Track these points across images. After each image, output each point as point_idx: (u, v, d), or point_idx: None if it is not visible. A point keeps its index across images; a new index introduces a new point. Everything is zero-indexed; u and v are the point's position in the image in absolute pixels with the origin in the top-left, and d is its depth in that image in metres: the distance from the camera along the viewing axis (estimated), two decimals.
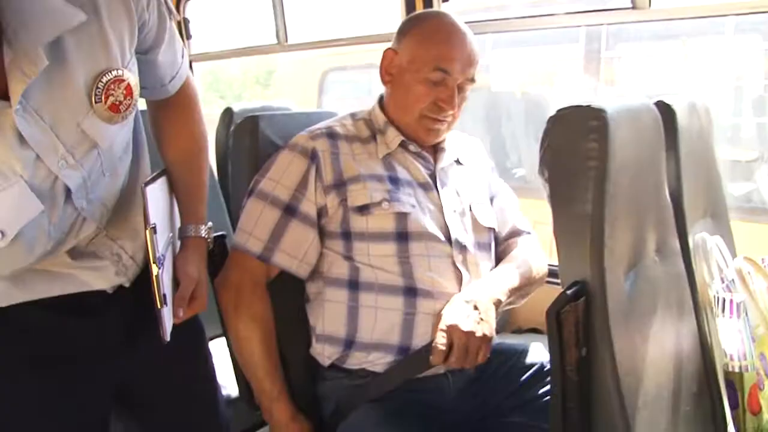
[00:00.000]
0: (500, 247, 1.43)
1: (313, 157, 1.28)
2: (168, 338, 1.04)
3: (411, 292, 1.24)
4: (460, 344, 1.16)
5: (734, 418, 1.23)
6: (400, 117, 1.35)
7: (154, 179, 1.09)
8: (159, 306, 1.02)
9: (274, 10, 2.43)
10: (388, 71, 1.36)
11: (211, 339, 1.86)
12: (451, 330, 1.17)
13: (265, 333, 1.28)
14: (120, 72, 0.95)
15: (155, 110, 1.19)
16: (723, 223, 1.56)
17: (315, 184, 1.27)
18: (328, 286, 1.29)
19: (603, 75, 3.40)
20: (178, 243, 1.19)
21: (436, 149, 1.39)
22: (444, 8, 1.86)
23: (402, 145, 1.34)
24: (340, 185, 1.27)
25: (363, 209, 1.26)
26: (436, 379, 1.26)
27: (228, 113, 2.21)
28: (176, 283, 1.12)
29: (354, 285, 1.27)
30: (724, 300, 1.23)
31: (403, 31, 1.35)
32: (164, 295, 1.02)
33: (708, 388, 1.25)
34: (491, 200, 1.46)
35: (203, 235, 1.19)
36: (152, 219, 1.01)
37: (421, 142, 1.36)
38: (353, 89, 4.70)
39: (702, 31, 3.00)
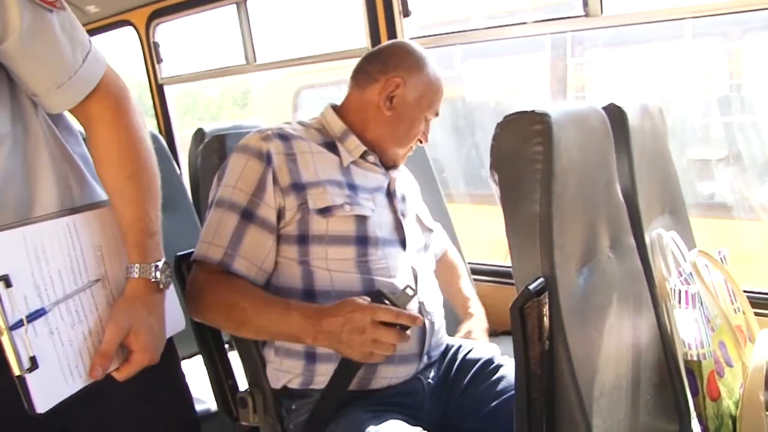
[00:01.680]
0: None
1: (268, 160, 1.25)
2: (39, 410, 0.87)
3: (371, 295, 1.21)
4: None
5: (695, 405, 1.28)
6: (388, 143, 1.39)
7: (51, 217, 0.95)
8: (18, 372, 0.86)
9: (241, 31, 2.49)
10: (390, 98, 1.36)
11: (187, 358, 1.90)
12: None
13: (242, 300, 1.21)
14: None
15: (86, 134, 1.05)
16: (682, 218, 1.61)
17: (273, 187, 1.24)
18: (280, 296, 1.25)
19: (571, 81, 3.48)
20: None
21: None
22: (405, 23, 1.92)
23: (362, 155, 1.36)
24: (299, 188, 1.25)
25: (325, 211, 1.24)
26: (411, 382, 1.29)
27: (200, 133, 2.23)
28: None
29: (310, 294, 1.25)
30: (680, 292, 1.28)
31: (414, 65, 1.37)
32: (33, 358, 0.88)
33: (669, 377, 1.29)
34: None
35: (149, 275, 1.02)
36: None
37: (389, 164, 1.42)
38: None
39: (662, 36, 3.09)
